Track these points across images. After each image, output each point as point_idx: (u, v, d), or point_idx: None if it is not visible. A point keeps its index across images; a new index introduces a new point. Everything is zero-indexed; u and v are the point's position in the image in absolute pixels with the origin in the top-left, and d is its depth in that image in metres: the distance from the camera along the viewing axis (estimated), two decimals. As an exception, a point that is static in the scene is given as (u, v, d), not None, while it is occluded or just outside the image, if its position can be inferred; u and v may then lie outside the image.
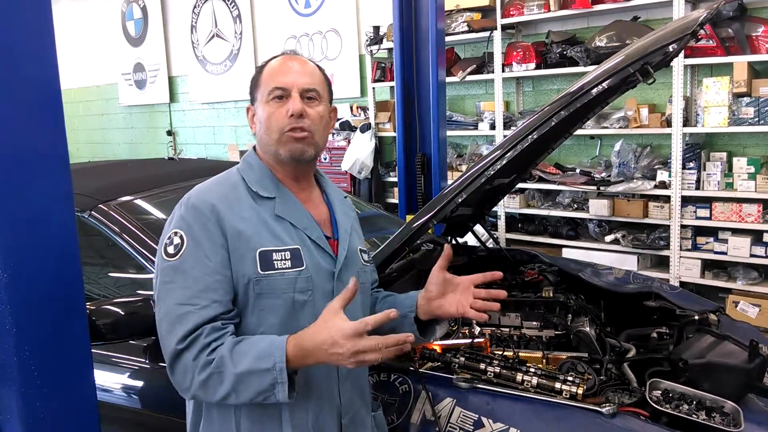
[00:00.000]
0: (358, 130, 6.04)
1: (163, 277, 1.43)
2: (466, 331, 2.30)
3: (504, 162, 2.02)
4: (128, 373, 2.26)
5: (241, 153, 7.29)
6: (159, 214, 2.55)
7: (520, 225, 5.24)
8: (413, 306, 1.66)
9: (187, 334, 1.36)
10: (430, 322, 1.68)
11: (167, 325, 1.39)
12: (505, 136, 2.90)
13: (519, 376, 1.83)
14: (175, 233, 1.44)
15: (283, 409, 1.44)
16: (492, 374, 1.86)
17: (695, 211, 4.29)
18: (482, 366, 1.89)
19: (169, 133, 8.70)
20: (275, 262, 1.44)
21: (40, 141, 1.45)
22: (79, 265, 1.55)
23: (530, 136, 1.96)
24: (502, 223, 5.24)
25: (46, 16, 1.45)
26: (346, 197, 1.74)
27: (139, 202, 2.56)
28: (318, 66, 1.59)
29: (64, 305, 1.51)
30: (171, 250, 1.43)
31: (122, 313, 1.89)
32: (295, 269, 1.46)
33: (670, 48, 1.81)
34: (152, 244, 2.23)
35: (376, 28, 5.81)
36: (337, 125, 6.34)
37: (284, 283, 1.44)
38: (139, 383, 2.26)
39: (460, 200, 2.09)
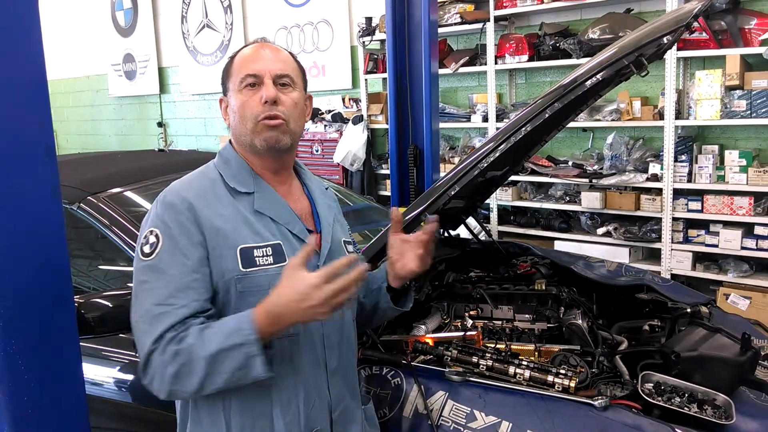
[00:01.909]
0: (350, 122, 6.01)
1: (139, 277, 1.40)
2: (459, 324, 2.30)
3: (497, 154, 2.01)
4: (118, 367, 2.24)
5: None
6: (149, 206, 2.52)
7: (512, 217, 5.24)
8: (384, 277, 1.67)
9: (164, 333, 1.33)
10: (403, 291, 1.69)
11: (144, 326, 1.35)
12: (497, 129, 2.89)
13: (511, 369, 1.83)
14: (151, 232, 1.41)
15: (274, 404, 1.43)
16: (484, 367, 1.86)
17: (687, 204, 4.30)
18: (474, 359, 1.89)
19: (160, 124, 8.64)
20: (257, 258, 1.42)
21: (26, 132, 1.42)
22: (67, 258, 1.53)
23: (523, 129, 1.95)
24: (494, 216, 5.24)
25: (32, 4, 1.42)
26: (327, 188, 1.72)
27: (128, 194, 2.54)
28: (291, 53, 1.57)
29: (52, 299, 1.49)
30: (147, 249, 1.40)
31: (111, 306, 1.87)
32: (277, 265, 1.43)
33: (665, 40, 1.80)
34: (142, 237, 2.21)
35: (369, 19, 5.77)
36: (329, 117, 6.31)
37: (267, 280, 1.41)
38: (129, 377, 2.24)
39: (452, 193, 2.08)
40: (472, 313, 2.38)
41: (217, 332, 1.31)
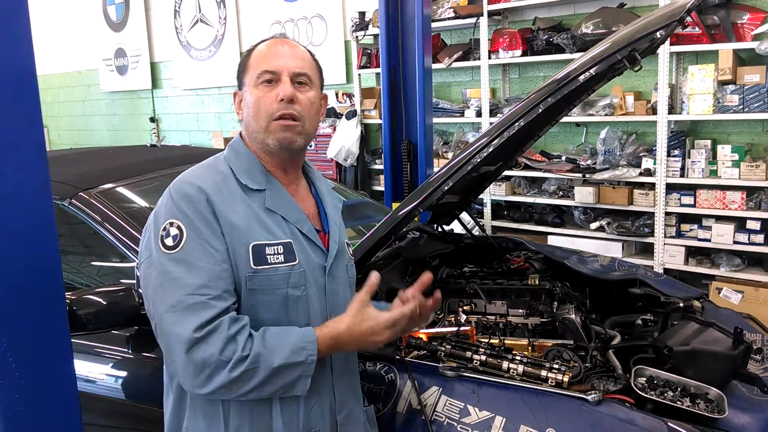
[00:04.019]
0: (343, 117, 6.00)
1: (163, 269, 1.35)
2: (452, 319, 2.30)
3: (490, 149, 2.01)
4: (111, 364, 2.23)
5: (225, 140, 7.23)
6: (141, 202, 2.52)
7: (506, 212, 5.24)
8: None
9: (205, 324, 1.29)
10: None
11: (176, 317, 1.31)
12: (491, 124, 2.90)
13: (505, 364, 1.83)
14: (171, 224, 1.37)
15: (273, 404, 1.42)
16: (478, 362, 1.86)
17: (680, 199, 4.31)
18: (468, 354, 1.89)
19: (152, 119, 8.60)
20: (268, 256, 1.40)
21: (15, 128, 1.41)
22: (58, 255, 1.52)
23: (517, 124, 1.95)
24: (488, 211, 5.25)
25: (21, -2, 1.41)
26: (333, 188, 1.70)
27: (121, 189, 2.53)
28: (309, 51, 1.55)
29: (43, 295, 1.48)
30: (169, 242, 1.36)
31: (104, 302, 1.86)
32: (288, 264, 1.42)
33: (657, 35, 1.80)
34: (134, 233, 2.20)
35: (362, 14, 5.76)
36: (322, 112, 6.28)
37: (278, 279, 1.41)
38: (122, 373, 2.23)
39: (446, 188, 2.08)
40: (465, 308, 2.38)
41: (281, 344, 1.34)
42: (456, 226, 3.04)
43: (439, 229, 2.98)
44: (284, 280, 1.41)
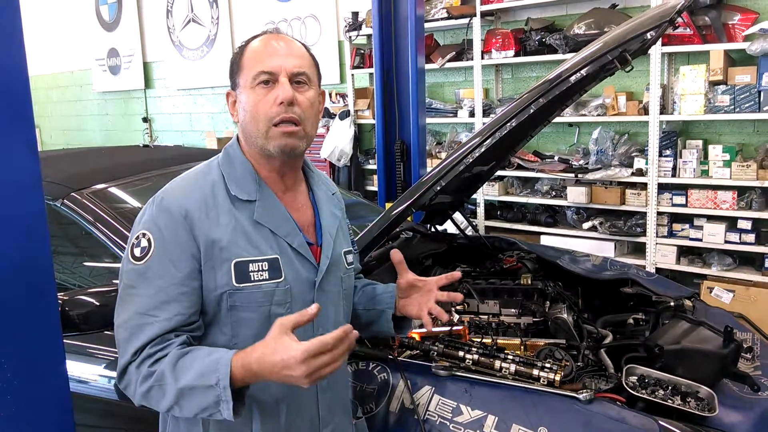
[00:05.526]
0: (337, 117, 6.00)
1: (126, 280, 1.35)
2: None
3: (483, 149, 2.02)
4: (103, 364, 2.23)
5: (218, 140, 7.21)
6: (134, 203, 2.51)
7: (499, 212, 5.25)
8: (392, 303, 1.63)
9: (142, 347, 1.30)
10: (404, 317, 1.66)
11: (126, 334, 1.33)
12: (484, 124, 2.90)
13: (497, 364, 1.83)
14: (143, 235, 1.35)
15: (254, 418, 1.38)
16: (470, 362, 1.86)
17: (671, 198, 4.33)
18: (461, 354, 1.89)
19: (145, 119, 8.58)
20: (252, 273, 1.35)
21: (6, 129, 1.40)
22: (50, 255, 1.52)
23: (509, 124, 1.96)
24: (481, 211, 5.26)
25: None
26: (334, 193, 1.63)
27: (113, 190, 2.52)
28: (304, 45, 1.46)
29: (35, 296, 1.48)
30: (137, 253, 1.34)
31: (96, 303, 1.86)
32: (272, 281, 1.37)
33: (648, 35, 1.82)
34: (126, 233, 2.19)
35: (355, 14, 5.76)
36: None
37: (260, 296, 1.36)
38: (115, 374, 2.22)
39: (439, 188, 2.09)
40: (458, 307, 2.38)
41: (192, 365, 1.26)
42: (449, 226, 3.04)
43: (432, 229, 2.98)
44: (268, 297, 1.37)
